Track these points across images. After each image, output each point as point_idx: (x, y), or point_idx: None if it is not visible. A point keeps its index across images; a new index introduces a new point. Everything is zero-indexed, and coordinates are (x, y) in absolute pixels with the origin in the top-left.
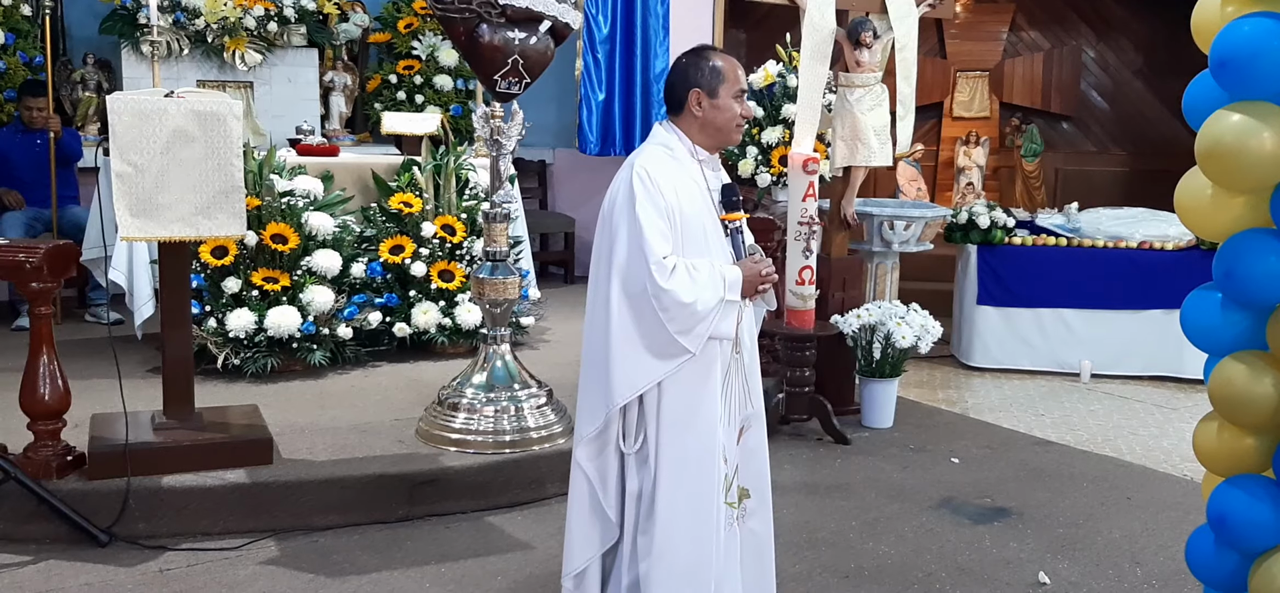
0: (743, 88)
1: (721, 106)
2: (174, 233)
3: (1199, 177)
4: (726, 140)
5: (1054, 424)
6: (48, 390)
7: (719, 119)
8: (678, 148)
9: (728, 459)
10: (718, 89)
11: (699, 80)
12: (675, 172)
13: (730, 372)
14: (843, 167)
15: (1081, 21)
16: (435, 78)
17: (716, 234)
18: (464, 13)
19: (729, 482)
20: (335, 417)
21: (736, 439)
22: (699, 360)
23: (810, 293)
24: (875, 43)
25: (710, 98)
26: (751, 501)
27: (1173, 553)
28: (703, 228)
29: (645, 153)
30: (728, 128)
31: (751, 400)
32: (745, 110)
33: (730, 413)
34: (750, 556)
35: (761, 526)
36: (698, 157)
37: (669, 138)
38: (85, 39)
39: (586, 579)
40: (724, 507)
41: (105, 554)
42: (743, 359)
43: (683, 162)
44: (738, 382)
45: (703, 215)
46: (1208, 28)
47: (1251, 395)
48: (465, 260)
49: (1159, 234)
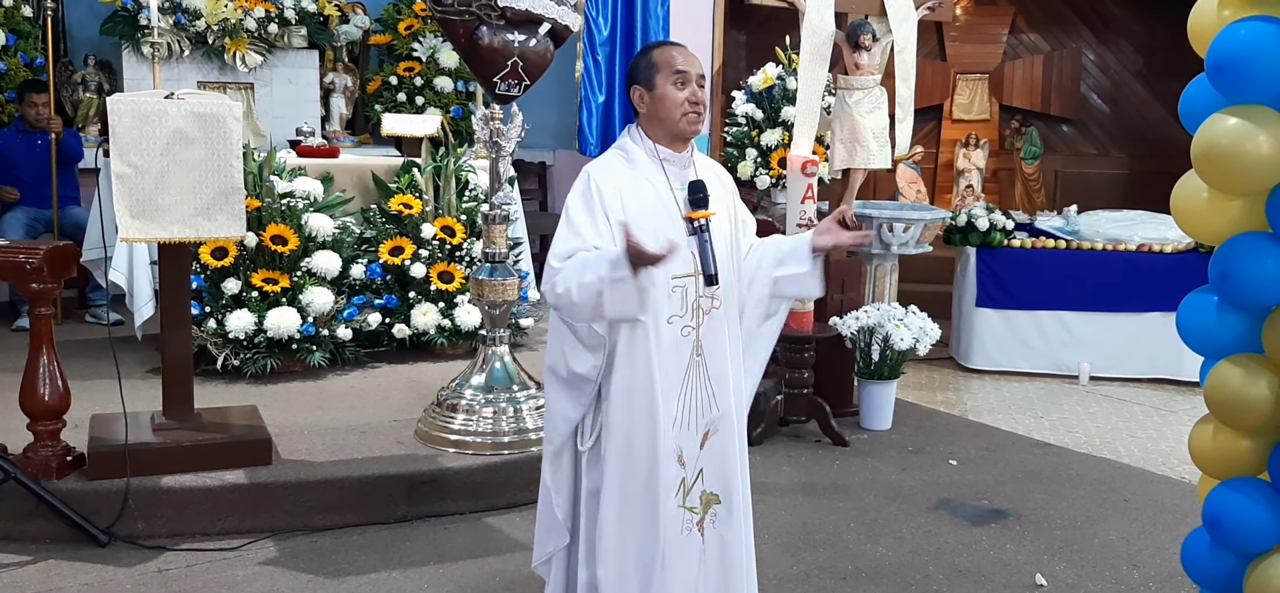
0: (681, 70)
1: (660, 96)
2: (174, 234)
3: (1195, 180)
4: (679, 130)
5: (1052, 426)
6: (48, 391)
7: (661, 110)
8: (635, 150)
9: (685, 462)
10: (654, 79)
11: (636, 77)
12: (626, 175)
13: (689, 373)
14: (842, 169)
15: (1081, 23)
16: (436, 79)
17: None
18: (464, 15)
19: (687, 486)
20: (334, 418)
21: (699, 443)
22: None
23: None
24: (874, 45)
25: (649, 91)
26: (721, 508)
27: (1170, 556)
28: (656, 231)
29: (602, 157)
30: (672, 117)
31: (716, 404)
32: (692, 94)
33: (688, 416)
34: (720, 561)
35: (733, 535)
36: (660, 156)
37: (627, 141)
38: (86, 40)
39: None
40: (680, 511)
41: (105, 554)
42: (705, 363)
43: (639, 164)
44: (699, 383)
45: (656, 217)
46: (1204, 31)
47: (1247, 398)
48: (465, 262)
49: (1158, 237)
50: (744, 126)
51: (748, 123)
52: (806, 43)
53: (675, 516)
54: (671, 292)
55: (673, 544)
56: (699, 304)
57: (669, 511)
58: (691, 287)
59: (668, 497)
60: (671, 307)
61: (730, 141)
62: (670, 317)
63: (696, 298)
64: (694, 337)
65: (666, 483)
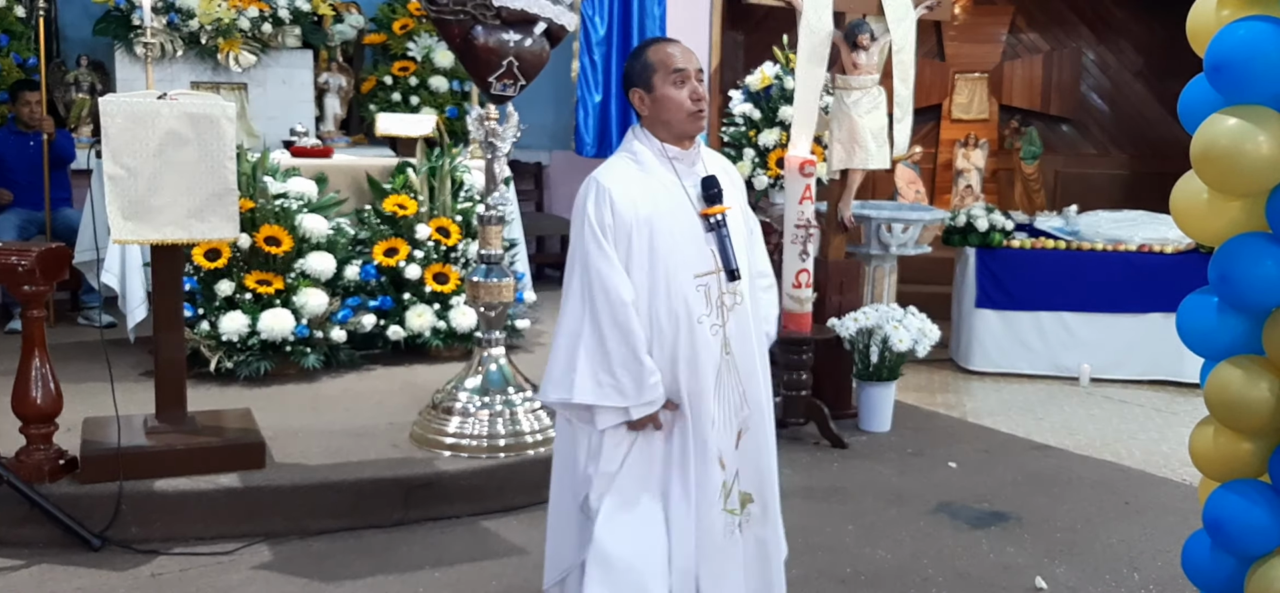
0: (679, 68)
1: (661, 97)
2: (166, 236)
3: (1194, 180)
4: (684, 130)
5: (1053, 428)
6: (40, 394)
7: (664, 112)
8: (643, 152)
9: (726, 464)
10: (652, 80)
11: (634, 79)
12: (639, 180)
13: (722, 372)
14: (840, 169)
15: (1081, 23)
16: (430, 79)
17: (693, 234)
18: (458, 14)
19: (728, 488)
20: (329, 420)
21: (735, 443)
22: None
23: (807, 296)
24: (872, 45)
25: (648, 93)
26: (755, 506)
27: (1171, 559)
28: (673, 232)
29: (609, 162)
30: (676, 118)
31: (747, 402)
32: (693, 91)
33: (725, 416)
34: (755, 564)
35: (768, 532)
36: (669, 155)
37: (634, 143)
38: (79, 41)
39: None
40: (723, 514)
41: (97, 559)
42: (734, 360)
43: (649, 166)
44: (731, 381)
45: (674, 218)
46: (1203, 31)
47: (1247, 400)
48: (460, 263)
49: (1158, 237)
50: (741, 126)
51: (745, 123)
52: (804, 42)
53: (720, 519)
54: (696, 289)
55: (718, 549)
56: (723, 301)
57: (716, 514)
58: (714, 284)
59: (715, 501)
60: (697, 306)
61: (728, 141)
62: (699, 316)
63: (720, 294)
64: (722, 334)
65: (713, 487)
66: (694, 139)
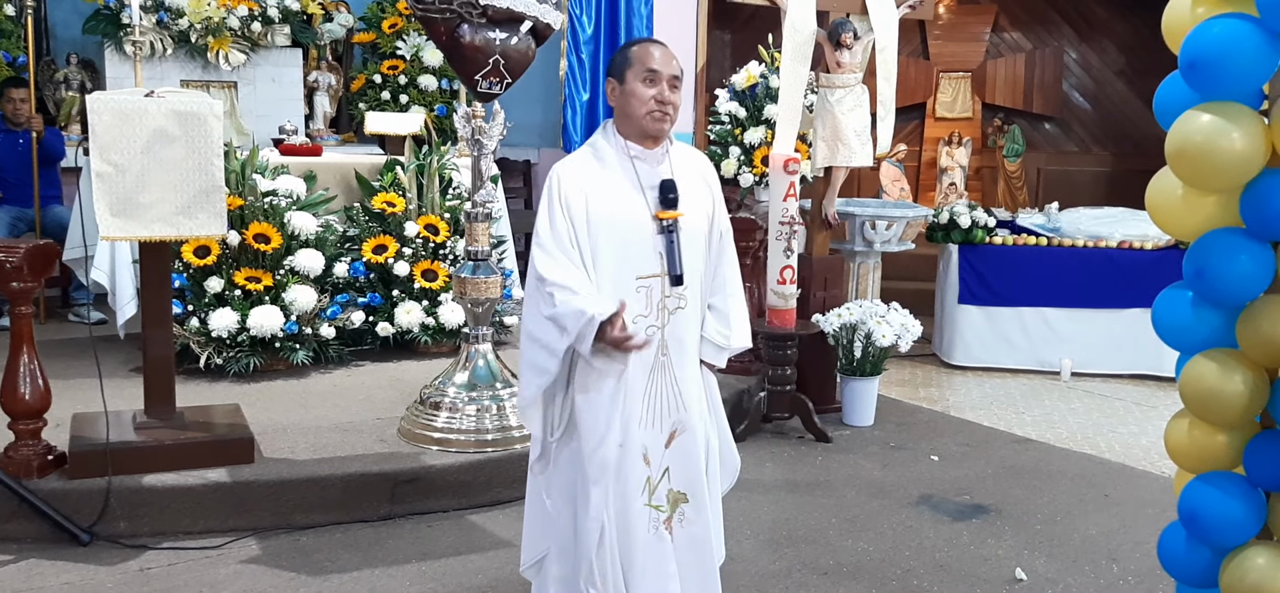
0: (653, 69)
1: (628, 91)
2: (155, 233)
3: (1170, 177)
4: (644, 129)
5: (1034, 422)
6: (28, 390)
7: (628, 105)
8: (605, 148)
9: (650, 461)
10: (625, 73)
11: (613, 69)
12: (595, 173)
13: (655, 372)
14: (824, 167)
15: (1064, 22)
16: (419, 78)
17: (642, 234)
18: (445, 13)
19: (654, 485)
20: (318, 416)
21: (665, 442)
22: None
23: (792, 292)
24: (856, 44)
25: (619, 84)
26: (689, 506)
27: (1150, 550)
28: (619, 229)
29: (569, 156)
30: (638, 114)
31: (683, 404)
32: (660, 93)
33: (654, 415)
34: (691, 561)
35: (702, 531)
36: (630, 153)
37: (599, 138)
38: (69, 39)
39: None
40: (646, 509)
41: (86, 553)
42: (670, 361)
43: (608, 162)
44: (665, 383)
45: (624, 216)
46: (1178, 29)
47: (1222, 393)
48: (448, 260)
49: (1139, 234)
50: (727, 125)
51: (731, 121)
52: (788, 41)
53: (641, 514)
54: (636, 290)
55: (640, 543)
56: (665, 304)
57: (635, 509)
58: (657, 286)
59: (635, 495)
60: (637, 305)
61: (714, 139)
62: (635, 316)
63: (662, 297)
64: (660, 336)
65: (634, 482)
66: (659, 141)
